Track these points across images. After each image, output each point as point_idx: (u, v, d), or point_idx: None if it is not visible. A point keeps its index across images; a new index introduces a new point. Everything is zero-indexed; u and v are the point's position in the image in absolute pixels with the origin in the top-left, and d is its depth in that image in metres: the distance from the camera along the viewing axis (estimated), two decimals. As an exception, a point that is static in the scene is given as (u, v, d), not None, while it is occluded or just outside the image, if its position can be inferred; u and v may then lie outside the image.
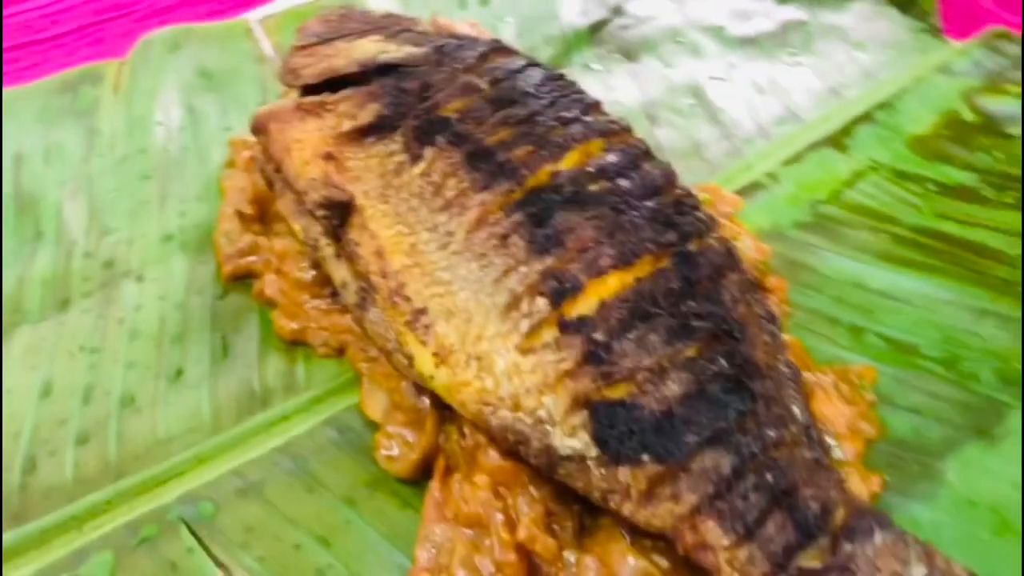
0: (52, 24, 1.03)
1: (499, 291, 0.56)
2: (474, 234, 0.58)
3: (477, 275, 0.57)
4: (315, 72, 0.71)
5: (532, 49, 0.93)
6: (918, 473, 0.60)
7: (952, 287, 0.71)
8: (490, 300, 0.56)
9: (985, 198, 0.78)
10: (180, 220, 0.76)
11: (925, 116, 0.87)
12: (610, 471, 0.51)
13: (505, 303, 0.55)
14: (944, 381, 0.65)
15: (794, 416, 0.54)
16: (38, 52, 1.01)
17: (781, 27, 0.97)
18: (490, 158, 0.60)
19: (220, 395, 0.64)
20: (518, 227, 0.57)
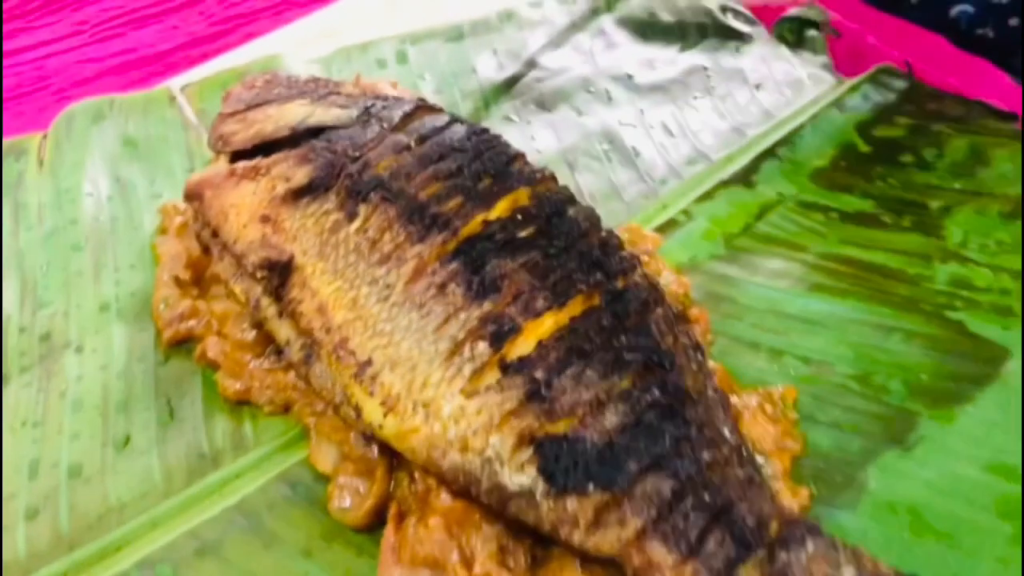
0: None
1: (441, 338, 0.58)
2: (413, 285, 0.60)
3: (418, 324, 0.59)
4: (245, 138, 0.73)
5: (451, 104, 0.97)
6: (841, 483, 0.63)
7: (859, 307, 0.76)
8: (433, 348, 0.58)
9: (884, 223, 0.84)
10: (116, 289, 0.77)
11: (824, 149, 0.93)
12: (558, 503, 0.54)
13: (447, 349, 0.58)
14: (859, 396, 0.69)
15: (725, 438, 0.58)
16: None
17: (684, 73, 1.03)
18: (423, 211, 0.63)
19: (170, 459, 0.65)
20: (455, 276, 0.60)
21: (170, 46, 1.11)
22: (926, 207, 0.86)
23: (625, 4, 1.10)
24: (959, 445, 0.65)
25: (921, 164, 0.91)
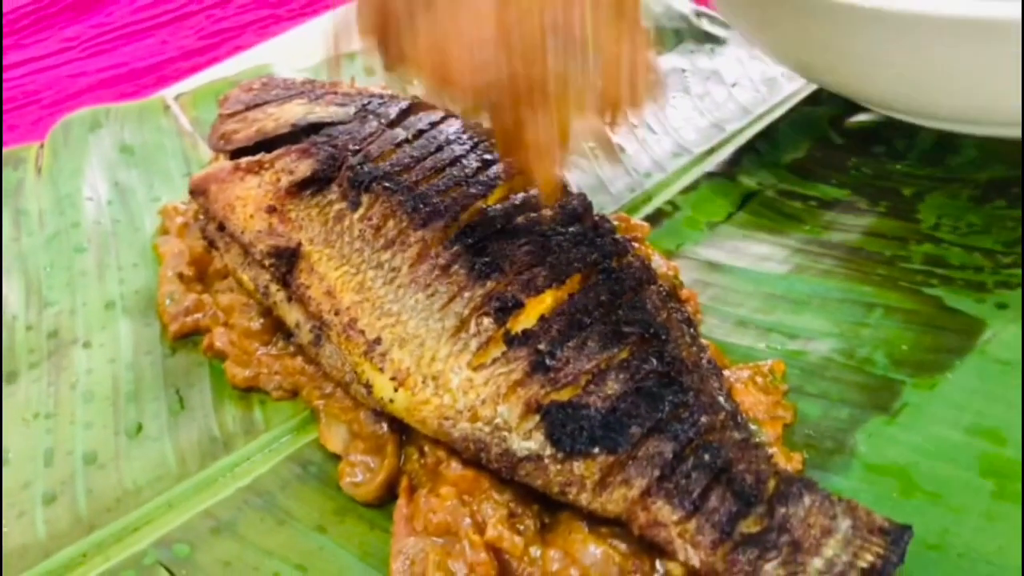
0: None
1: (447, 315, 0.61)
2: (417, 267, 0.63)
3: (424, 303, 0.62)
4: (247, 135, 0.76)
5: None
6: (832, 449, 0.66)
7: (842, 287, 0.79)
8: (439, 324, 0.61)
9: (860, 209, 0.88)
10: (120, 287, 0.79)
11: (800, 142, 0.97)
12: (565, 466, 0.56)
13: (454, 325, 0.60)
14: (844, 368, 0.72)
15: (721, 404, 0.60)
16: (-51, 142, 1.02)
17: (664, 75, 1.06)
18: (424, 199, 0.65)
19: (182, 444, 0.67)
20: (458, 258, 0.62)
21: (160, 59, 1.14)
22: (899, 193, 0.90)
23: (603, 11, 1.14)
24: (941, 410, 0.68)
25: (893, 153, 0.95)
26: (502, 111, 0.51)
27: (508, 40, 0.48)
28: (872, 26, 0.76)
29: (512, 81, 0.49)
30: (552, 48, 0.49)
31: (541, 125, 0.50)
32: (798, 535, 0.55)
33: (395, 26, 0.52)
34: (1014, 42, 0.70)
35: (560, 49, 0.49)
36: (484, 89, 0.49)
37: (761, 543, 0.54)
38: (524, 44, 0.48)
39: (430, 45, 0.49)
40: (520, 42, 0.48)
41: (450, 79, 0.49)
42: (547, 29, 0.49)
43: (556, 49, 0.49)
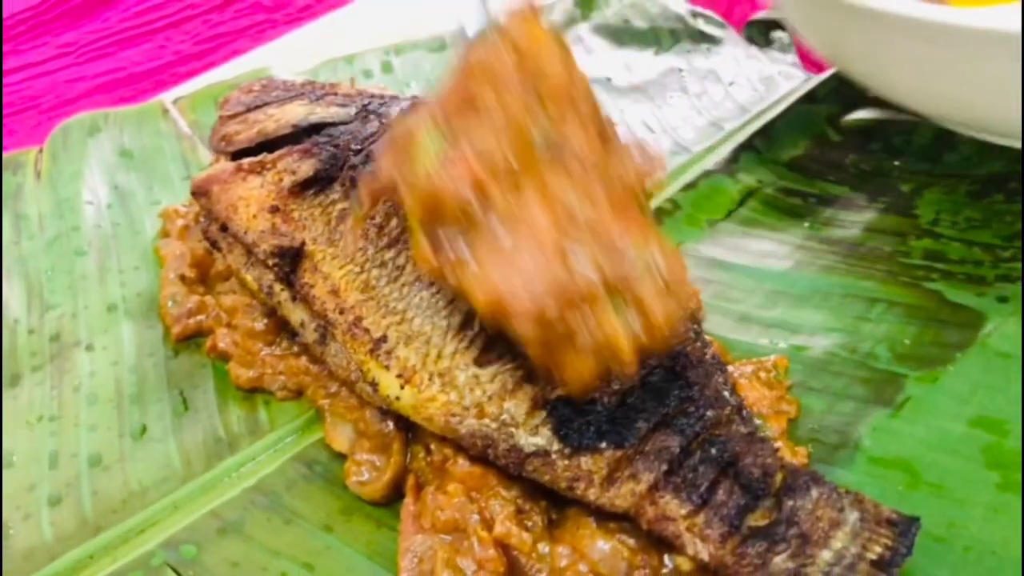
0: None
1: (452, 312, 0.61)
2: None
3: (429, 301, 0.62)
4: (248, 136, 0.75)
5: (439, 109, 1.00)
6: (837, 443, 0.66)
7: (843, 283, 0.79)
8: (445, 322, 0.61)
9: (859, 205, 0.88)
10: (121, 290, 0.79)
11: (798, 140, 0.97)
12: (573, 461, 0.56)
13: (459, 322, 0.60)
14: (847, 362, 0.72)
15: (726, 399, 0.60)
16: (-53, 147, 1.02)
17: (661, 74, 1.07)
18: (427, 198, 0.65)
19: (187, 445, 0.67)
20: (461, 255, 0.62)
21: (157, 64, 1.14)
22: (898, 189, 0.90)
23: (599, 13, 1.15)
24: (944, 403, 0.68)
25: (890, 150, 0.95)
26: (553, 333, 0.52)
27: (566, 267, 0.50)
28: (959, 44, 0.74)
29: (567, 308, 0.51)
30: (605, 270, 0.51)
31: (589, 342, 0.51)
32: (806, 528, 0.55)
33: (450, 244, 0.53)
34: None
35: (613, 270, 0.51)
36: (540, 316, 0.50)
37: (770, 536, 0.55)
38: (581, 270, 0.51)
39: (487, 274, 0.51)
40: (577, 268, 0.50)
41: (507, 309, 0.50)
42: (601, 255, 0.51)
43: (609, 271, 0.51)
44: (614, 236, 0.52)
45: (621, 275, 0.51)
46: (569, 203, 0.52)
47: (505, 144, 0.54)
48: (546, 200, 0.52)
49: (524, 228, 0.52)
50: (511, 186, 0.53)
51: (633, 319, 0.52)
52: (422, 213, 0.53)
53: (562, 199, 0.53)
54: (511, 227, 0.52)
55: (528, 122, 0.54)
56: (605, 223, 0.52)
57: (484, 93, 0.55)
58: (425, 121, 0.55)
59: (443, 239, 0.53)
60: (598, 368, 0.52)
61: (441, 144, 0.54)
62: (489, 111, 0.54)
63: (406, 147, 0.55)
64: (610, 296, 0.51)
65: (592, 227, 0.52)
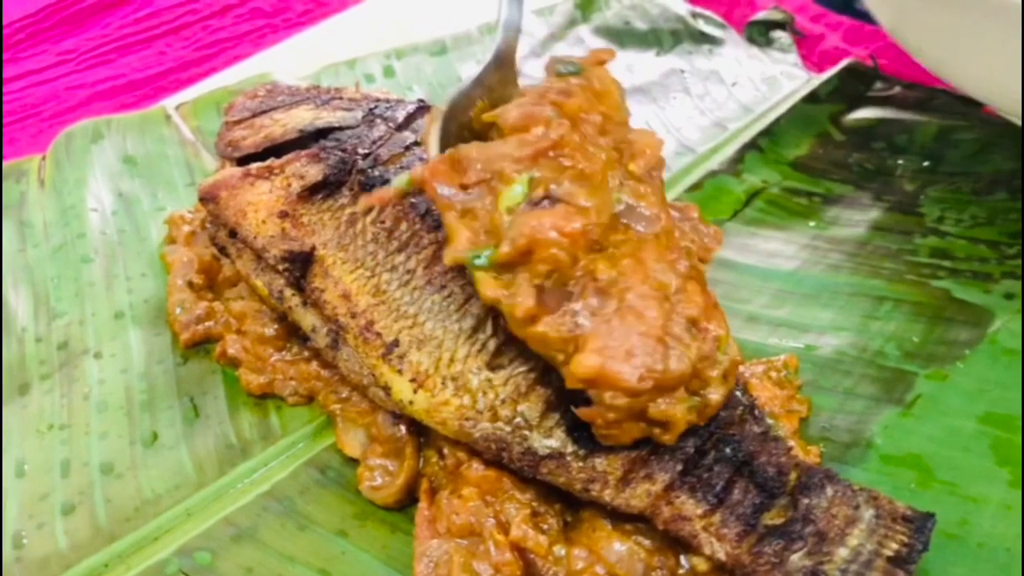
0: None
1: (464, 316, 0.61)
2: (432, 268, 0.63)
3: (441, 305, 0.62)
4: (255, 141, 0.75)
5: (442, 112, 1.00)
6: (848, 441, 0.67)
7: (850, 281, 0.80)
8: (457, 325, 0.61)
9: (864, 204, 0.89)
10: (129, 297, 0.79)
11: (802, 139, 0.98)
12: (588, 463, 0.56)
13: (471, 326, 0.60)
14: (856, 361, 0.73)
15: (738, 399, 0.60)
16: (-52, 157, 1.01)
17: (663, 75, 1.07)
18: (435, 201, 0.65)
19: (199, 452, 0.67)
20: (472, 258, 0.62)
21: (158, 71, 1.13)
22: (902, 188, 0.90)
23: (600, 14, 1.15)
24: (954, 400, 0.68)
25: (893, 149, 0.96)
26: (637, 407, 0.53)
27: (667, 352, 0.52)
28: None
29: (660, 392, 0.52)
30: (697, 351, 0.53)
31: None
32: (822, 525, 0.55)
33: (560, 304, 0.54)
34: None
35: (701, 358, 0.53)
36: (637, 394, 0.52)
37: (786, 534, 0.55)
38: (680, 357, 0.52)
39: (593, 341, 0.52)
40: (676, 355, 0.52)
41: (609, 380, 0.51)
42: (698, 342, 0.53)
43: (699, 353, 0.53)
44: (703, 321, 0.54)
45: (705, 363, 0.53)
46: (662, 278, 0.54)
47: (596, 200, 0.54)
48: (641, 269, 0.53)
49: (626, 299, 0.52)
50: (600, 248, 0.54)
51: (694, 402, 0.54)
52: (508, 256, 0.53)
53: (653, 270, 0.54)
54: (611, 294, 0.53)
55: (613, 181, 0.56)
56: (693, 304, 0.54)
57: (573, 141, 0.55)
58: (511, 158, 0.55)
59: (552, 296, 0.53)
60: (642, 434, 0.54)
61: (528, 187, 0.54)
62: (579, 162, 0.55)
63: (483, 178, 0.55)
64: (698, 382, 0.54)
65: (686, 309, 0.54)
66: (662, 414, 0.52)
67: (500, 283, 0.53)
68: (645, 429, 0.54)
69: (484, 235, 0.54)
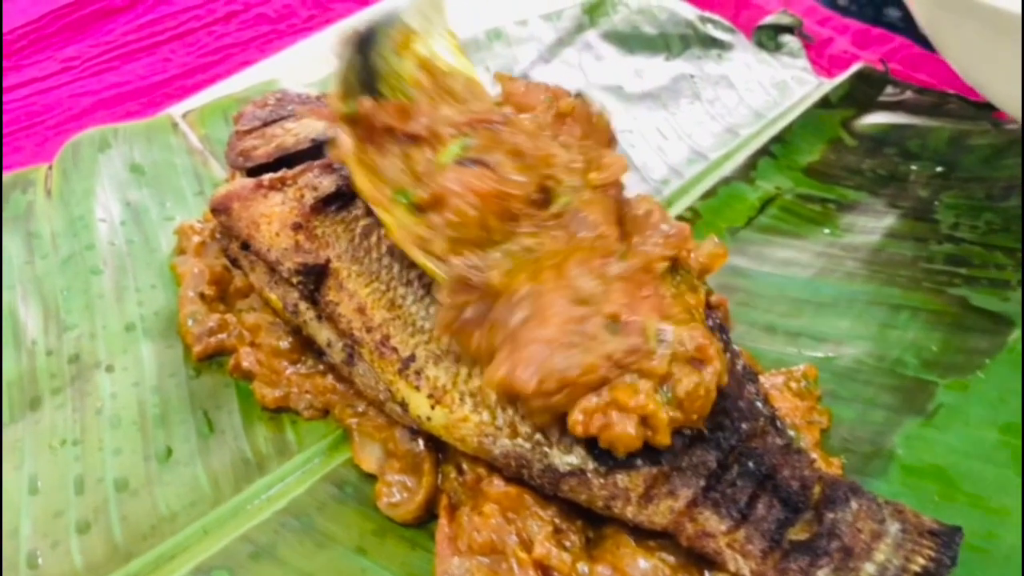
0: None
1: (482, 331, 0.60)
2: (449, 282, 0.62)
3: (458, 319, 0.61)
4: (267, 151, 0.75)
5: (451, 119, 0.99)
6: (870, 453, 0.66)
7: (867, 289, 0.79)
8: (475, 340, 0.60)
9: (878, 210, 0.88)
10: (139, 309, 0.78)
11: (814, 145, 0.97)
12: (609, 480, 0.56)
13: (489, 341, 0.60)
14: (876, 370, 0.72)
15: (759, 410, 0.60)
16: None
17: (672, 81, 1.06)
18: (452, 214, 0.64)
19: (215, 467, 0.66)
20: (489, 271, 0.62)
21: (163, 77, 1.12)
22: (916, 194, 0.90)
23: (608, 19, 1.14)
24: (976, 410, 0.68)
25: (906, 154, 0.95)
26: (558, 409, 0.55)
27: (572, 352, 0.53)
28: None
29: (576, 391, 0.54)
30: (617, 346, 0.54)
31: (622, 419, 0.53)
32: (848, 540, 0.54)
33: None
34: None
35: (621, 353, 0.54)
36: (544, 397, 0.54)
37: (812, 550, 0.54)
38: (590, 346, 0.54)
39: (503, 360, 0.54)
40: (587, 345, 0.54)
41: (514, 389, 0.54)
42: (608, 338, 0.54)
43: (621, 347, 0.54)
44: (623, 316, 0.55)
45: (632, 357, 0.53)
46: (579, 283, 0.56)
47: (523, 176, 0.59)
48: (560, 277, 0.56)
49: (536, 307, 0.55)
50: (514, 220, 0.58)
51: (662, 396, 0.53)
52: (424, 201, 0.58)
53: (571, 276, 0.56)
54: (525, 305, 0.55)
55: (559, 175, 0.60)
56: (615, 303, 0.55)
57: (522, 124, 0.62)
58: (451, 121, 0.61)
59: (476, 312, 0.57)
60: (638, 440, 0.53)
61: (465, 150, 0.60)
62: (520, 141, 0.60)
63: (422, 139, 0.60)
64: (626, 375, 0.53)
65: (601, 308, 0.55)
66: (635, 410, 0.52)
67: (417, 221, 0.58)
68: (639, 432, 0.53)
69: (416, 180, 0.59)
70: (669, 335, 0.55)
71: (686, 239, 0.60)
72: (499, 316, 0.55)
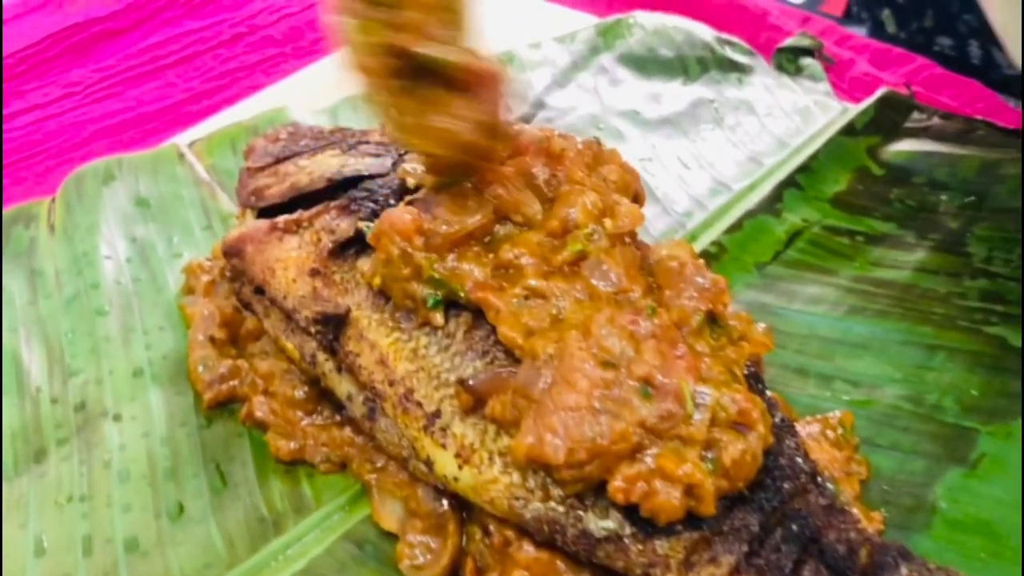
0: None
1: (510, 385, 0.57)
2: (473, 333, 0.59)
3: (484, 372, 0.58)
4: (280, 191, 0.72)
5: (465, 147, 0.96)
6: (912, 505, 0.63)
7: (900, 328, 0.76)
8: (503, 395, 0.57)
9: (908, 243, 0.86)
10: (147, 353, 0.75)
11: (840, 175, 0.94)
12: (647, 546, 0.53)
13: (518, 396, 0.57)
14: (913, 416, 0.69)
15: (799, 466, 0.57)
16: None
17: (691, 106, 1.04)
18: (475, 257, 0.62)
19: (229, 526, 0.63)
20: (516, 321, 0.59)
21: (168, 103, 1.10)
22: (946, 226, 0.87)
23: (623, 41, 1.11)
24: (1021, 459, 0.65)
25: (934, 184, 0.93)
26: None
27: (600, 421, 0.51)
28: None
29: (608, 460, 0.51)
30: (650, 412, 0.52)
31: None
32: (899, 611, 0.52)
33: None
34: None
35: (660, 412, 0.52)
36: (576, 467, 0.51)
37: (861, 621, 0.52)
38: (621, 412, 0.51)
39: (529, 430, 0.52)
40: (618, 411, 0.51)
41: (543, 461, 0.51)
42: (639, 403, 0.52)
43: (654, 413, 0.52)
44: (656, 379, 0.52)
45: (667, 423, 0.51)
46: (607, 343, 0.53)
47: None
48: (584, 332, 0.54)
49: (562, 371, 0.52)
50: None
51: (708, 464, 0.51)
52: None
53: (599, 335, 0.53)
54: (550, 368, 0.53)
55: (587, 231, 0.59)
56: (647, 364, 0.53)
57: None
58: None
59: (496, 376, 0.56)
60: (681, 509, 0.51)
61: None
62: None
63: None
64: (663, 441, 0.51)
65: (631, 370, 0.53)
66: (681, 479, 0.50)
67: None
68: (683, 502, 0.50)
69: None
70: (707, 398, 0.52)
71: (723, 292, 0.58)
72: (522, 381, 0.53)
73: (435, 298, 0.59)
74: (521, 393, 0.53)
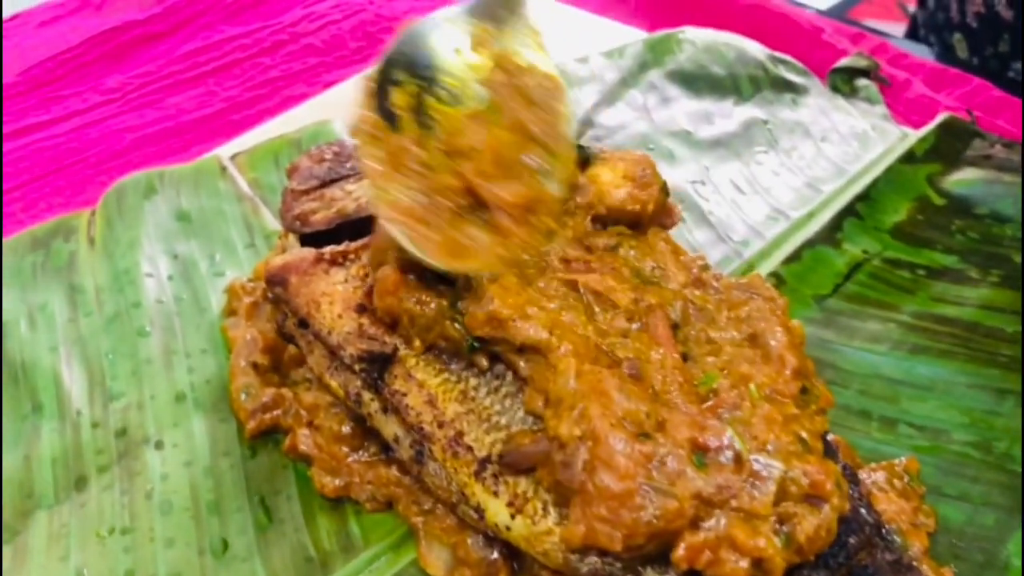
0: (4, 176, 0.98)
1: (567, 431, 0.55)
2: (524, 374, 0.57)
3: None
4: (326, 217, 0.70)
5: (512, 166, 0.94)
6: (983, 562, 0.61)
7: (966, 370, 0.74)
8: (559, 441, 0.55)
9: (972, 278, 0.83)
10: (189, 376, 0.73)
11: (900, 204, 0.91)
12: (710, 604, 0.51)
13: (575, 443, 0.54)
14: (982, 464, 0.67)
15: (864, 518, 0.54)
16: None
17: (744, 127, 1.01)
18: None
19: (275, 565, 0.61)
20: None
21: (209, 112, 1.08)
22: (1010, 260, 0.84)
23: (673, 57, 1.09)
24: (1097, 515, 0.62)
25: (998, 215, 0.89)
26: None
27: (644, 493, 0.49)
28: None
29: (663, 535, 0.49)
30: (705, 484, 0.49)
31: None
32: None
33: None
34: None
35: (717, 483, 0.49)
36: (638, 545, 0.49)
37: None
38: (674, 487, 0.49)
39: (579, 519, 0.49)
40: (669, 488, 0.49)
41: (601, 547, 0.49)
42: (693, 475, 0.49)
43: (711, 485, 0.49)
44: (703, 438, 0.50)
45: (727, 491, 0.49)
46: (627, 405, 0.51)
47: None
48: (607, 407, 0.50)
49: (594, 450, 0.49)
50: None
51: (779, 536, 0.48)
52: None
53: (618, 403, 0.51)
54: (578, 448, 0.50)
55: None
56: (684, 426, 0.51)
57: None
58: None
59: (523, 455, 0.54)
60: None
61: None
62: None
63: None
64: (726, 512, 0.49)
65: (679, 434, 0.50)
66: (752, 551, 0.47)
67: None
68: (749, 572, 0.48)
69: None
70: (775, 471, 0.49)
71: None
72: (558, 463, 0.51)
73: (471, 343, 0.57)
74: (560, 477, 0.50)
